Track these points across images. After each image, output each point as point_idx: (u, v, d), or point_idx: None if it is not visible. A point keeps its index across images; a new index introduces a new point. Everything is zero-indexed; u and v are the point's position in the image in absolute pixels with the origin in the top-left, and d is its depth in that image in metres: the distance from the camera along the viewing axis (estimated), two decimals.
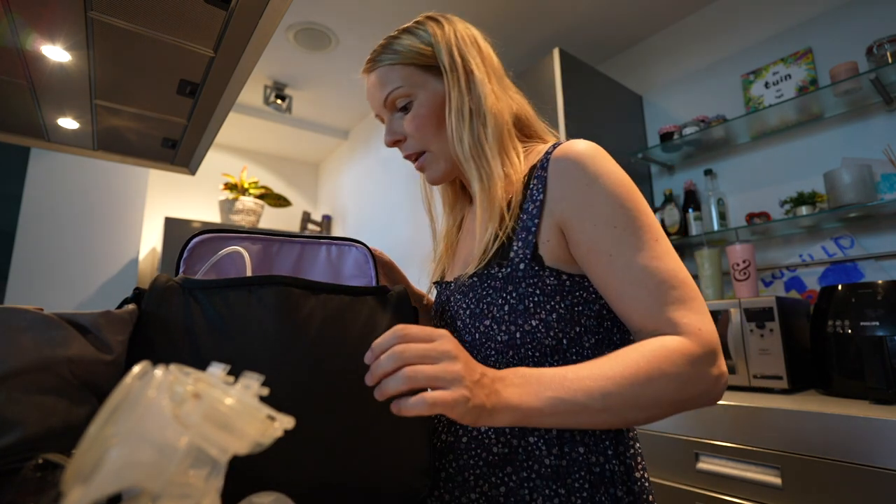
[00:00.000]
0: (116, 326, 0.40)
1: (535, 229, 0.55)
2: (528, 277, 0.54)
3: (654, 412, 0.45)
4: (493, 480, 0.52)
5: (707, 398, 0.46)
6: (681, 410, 0.46)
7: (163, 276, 0.47)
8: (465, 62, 0.61)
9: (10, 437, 0.32)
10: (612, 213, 0.50)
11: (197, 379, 0.24)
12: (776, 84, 1.61)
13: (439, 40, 0.62)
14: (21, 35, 0.79)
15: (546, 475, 0.51)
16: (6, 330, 0.34)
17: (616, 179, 0.52)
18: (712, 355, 0.46)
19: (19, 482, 0.31)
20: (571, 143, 0.55)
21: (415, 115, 0.60)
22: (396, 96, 0.61)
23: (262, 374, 0.26)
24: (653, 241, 0.49)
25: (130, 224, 2.30)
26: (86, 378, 0.37)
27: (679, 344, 0.45)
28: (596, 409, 0.42)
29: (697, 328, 0.46)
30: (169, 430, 0.22)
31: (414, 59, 0.61)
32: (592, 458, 0.52)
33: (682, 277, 0.49)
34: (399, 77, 0.61)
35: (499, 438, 0.53)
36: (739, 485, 1.03)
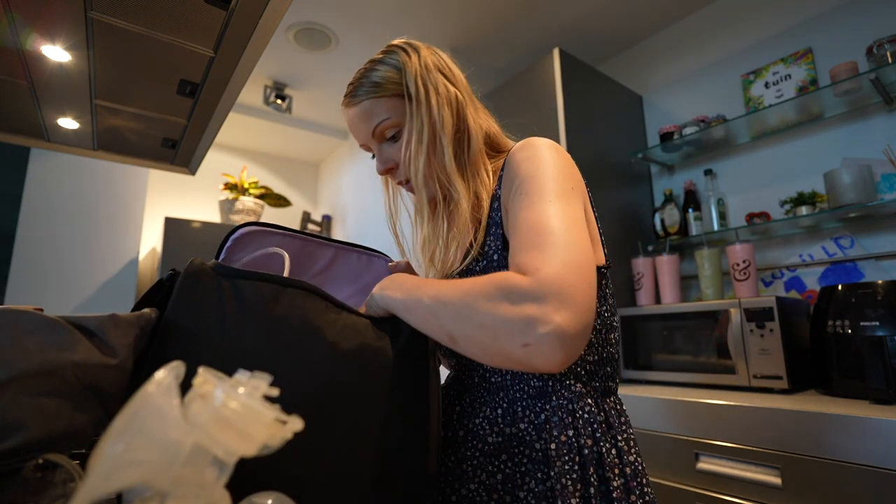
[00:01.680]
0: (122, 330, 0.40)
1: (500, 221, 0.58)
2: (503, 267, 0.57)
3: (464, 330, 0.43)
4: (490, 469, 0.54)
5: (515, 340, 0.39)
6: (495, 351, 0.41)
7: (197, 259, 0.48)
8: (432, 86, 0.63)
9: (12, 441, 0.32)
10: (526, 183, 0.52)
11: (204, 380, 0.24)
12: (776, 84, 1.62)
13: (409, 69, 0.63)
14: (21, 35, 0.79)
15: (538, 459, 0.53)
16: (11, 332, 0.34)
17: (548, 160, 0.53)
18: (537, 293, 0.40)
19: (20, 482, 0.31)
20: (527, 139, 0.58)
21: (406, 146, 0.62)
22: (385, 127, 0.63)
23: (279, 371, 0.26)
24: (546, 201, 0.48)
25: (130, 224, 2.30)
26: (90, 382, 0.37)
27: (511, 276, 0.42)
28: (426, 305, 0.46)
29: (536, 268, 0.42)
30: (174, 429, 0.22)
31: (394, 89, 0.63)
32: (582, 441, 0.53)
33: (547, 227, 0.45)
34: (385, 109, 0.62)
35: (492, 428, 0.55)
36: (739, 485, 1.03)
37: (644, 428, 1.23)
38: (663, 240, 1.72)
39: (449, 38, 2.06)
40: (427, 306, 0.46)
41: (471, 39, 2.06)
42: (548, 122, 1.62)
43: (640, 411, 1.25)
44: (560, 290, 0.39)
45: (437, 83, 0.63)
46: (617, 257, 1.69)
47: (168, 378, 0.23)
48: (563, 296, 0.39)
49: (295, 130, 2.89)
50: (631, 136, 1.94)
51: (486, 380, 0.59)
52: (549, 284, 0.40)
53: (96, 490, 0.20)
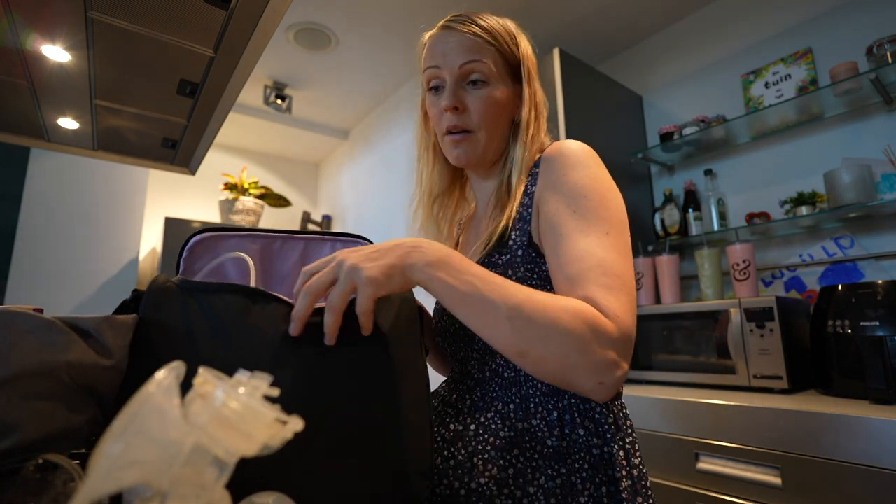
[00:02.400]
0: (118, 331, 0.40)
1: (529, 218, 0.59)
2: (526, 263, 0.57)
3: (542, 352, 0.43)
4: (501, 463, 0.53)
5: (593, 377, 0.43)
6: (564, 377, 0.44)
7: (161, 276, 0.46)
8: (535, 83, 0.67)
9: (8, 442, 0.32)
10: (577, 200, 0.53)
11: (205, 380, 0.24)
12: (776, 84, 1.62)
13: (524, 50, 0.66)
14: (21, 35, 0.79)
15: (548, 455, 0.53)
16: (8, 333, 0.34)
17: (594, 175, 0.55)
18: (619, 342, 0.44)
19: (19, 482, 0.31)
20: (566, 141, 0.60)
21: (488, 98, 0.62)
22: (478, 70, 0.61)
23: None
24: (603, 233, 0.51)
25: (130, 224, 2.30)
26: (85, 383, 0.37)
27: (593, 312, 0.45)
28: (502, 314, 0.43)
29: (616, 314, 0.45)
30: (174, 429, 0.22)
31: (506, 52, 0.64)
32: (592, 441, 0.54)
33: (619, 271, 0.48)
34: (490, 57, 0.62)
35: (504, 423, 0.55)
36: (739, 485, 1.03)
37: (644, 428, 1.23)
38: (663, 240, 1.72)
39: None
40: (503, 313, 0.43)
41: None
42: (548, 122, 1.62)
43: (640, 411, 1.25)
44: (629, 342, 0.46)
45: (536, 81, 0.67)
46: None
47: (168, 378, 0.23)
48: (629, 346, 0.46)
49: (295, 130, 2.89)
50: (631, 136, 1.94)
51: (499, 374, 0.59)
52: (626, 335, 0.45)
53: (96, 490, 0.20)
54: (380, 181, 2.65)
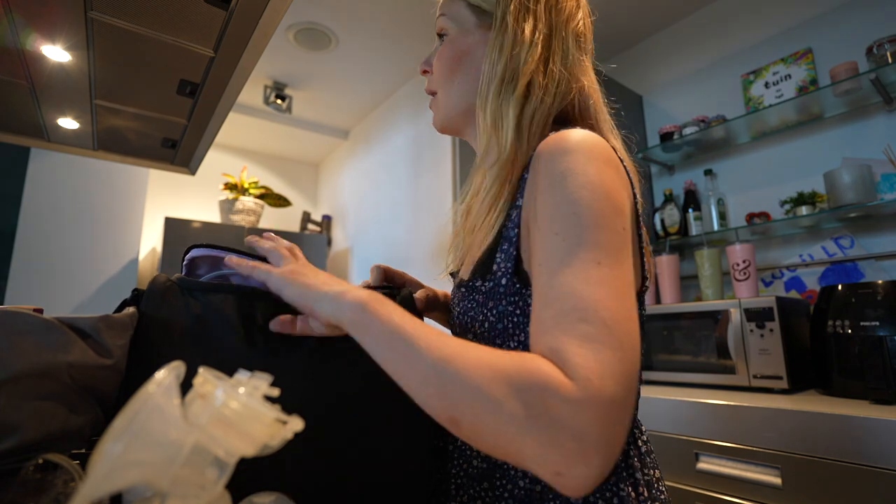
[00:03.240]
0: (117, 331, 0.40)
1: (515, 240, 0.48)
2: (510, 295, 0.47)
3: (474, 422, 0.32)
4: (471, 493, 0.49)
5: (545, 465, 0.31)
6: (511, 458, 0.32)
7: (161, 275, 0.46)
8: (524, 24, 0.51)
9: (8, 443, 0.33)
10: (560, 218, 0.39)
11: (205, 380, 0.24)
12: (776, 84, 1.62)
13: None
14: (21, 35, 0.79)
15: (519, 497, 0.46)
16: (7, 333, 0.34)
17: (585, 180, 0.40)
18: (586, 415, 0.30)
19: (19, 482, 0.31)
20: (565, 132, 0.44)
21: (440, 54, 0.55)
22: (441, 25, 0.55)
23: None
24: (593, 262, 0.37)
25: (130, 224, 2.30)
26: (85, 383, 0.37)
27: (555, 380, 0.31)
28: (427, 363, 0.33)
29: (587, 374, 0.31)
30: (174, 429, 0.22)
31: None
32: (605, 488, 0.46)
33: (607, 316, 0.34)
34: (450, 7, 0.55)
35: (479, 453, 0.50)
36: (739, 485, 1.03)
37: (644, 428, 1.23)
38: (663, 240, 1.72)
39: None
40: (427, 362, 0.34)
41: None
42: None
43: (640, 411, 1.24)
44: (611, 423, 0.31)
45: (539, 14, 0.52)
46: None
47: (168, 378, 0.23)
48: (612, 430, 0.31)
49: (295, 130, 2.89)
50: (631, 136, 1.93)
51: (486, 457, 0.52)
52: (601, 403, 0.31)
53: (96, 490, 0.20)
54: (379, 181, 2.65)
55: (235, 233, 2.46)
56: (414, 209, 2.24)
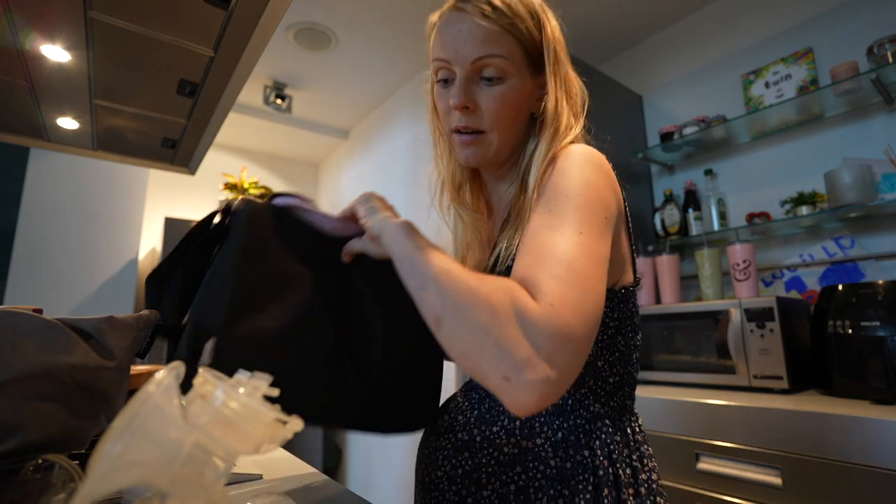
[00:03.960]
0: (120, 332, 0.40)
1: None
2: None
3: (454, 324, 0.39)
4: (503, 479, 0.53)
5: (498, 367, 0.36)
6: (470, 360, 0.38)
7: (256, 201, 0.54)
8: (565, 68, 0.59)
9: (10, 443, 0.33)
10: (556, 199, 0.47)
11: (204, 381, 0.24)
12: (776, 84, 1.61)
13: (548, 34, 0.57)
14: (21, 35, 0.79)
15: (551, 476, 0.51)
16: (9, 334, 0.34)
17: (577, 175, 0.49)
18: (543, 334, 0.36)
19: (20, 482, 0.31)
20: (572, 145, 0.54)
21: (503, 97, 0.55)
22: (493, 64, 0.54)
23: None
24: (575, 231, 0.43)
25: (130, 224, 2.30)
26: (87, 384, 0.37)
27: (519, 291, 0.39)
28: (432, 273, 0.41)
29: (552, 300, 0.37)
30: (174, 429, 0.22)
31: (526, 40, 0.55)
32: (597, 462, 0.52)
33: (579, 268, 0.40)
34: (507, 49, 0.54)
35: (509, 439, 0.54)
36: (739, 485, 1.03)
37: (644, 428, 1.23)
38: (663, 240, 1.72)
39: None
40: (432, 272, 0.41)
41: None
42: None
43: (641, 411, 1.24)
44: (562, 342, 0.36)
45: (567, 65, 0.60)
46: None
47: (168, 378, 0.23)
48: (561, 348, 0.36)
49: (295, 130, 2.89)
50: (631, 136, 1.94)
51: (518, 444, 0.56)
52: (557, 331, 0.36)
53: (96, 490, 0.20)
54: (380, 181, 2.65)
55: None
56: (413, 209, 2.24)
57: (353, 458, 2.65)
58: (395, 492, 2.21)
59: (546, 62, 0.57)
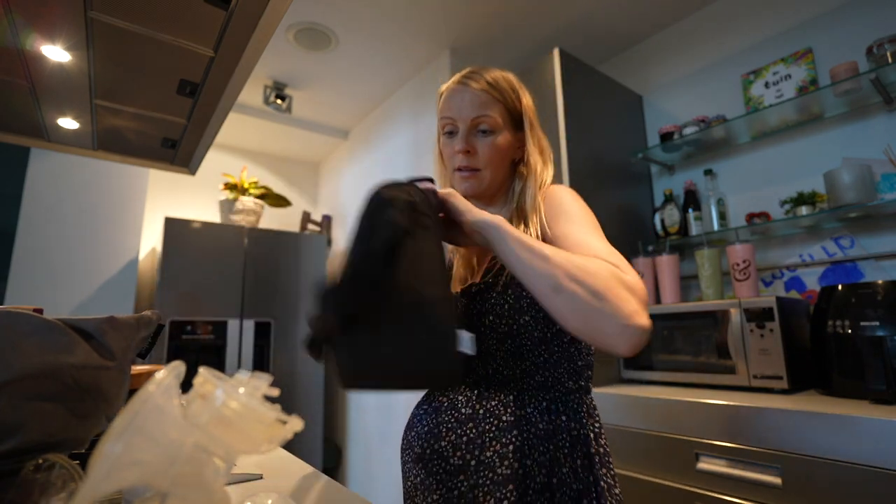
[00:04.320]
0: (121, 332, 0.40)
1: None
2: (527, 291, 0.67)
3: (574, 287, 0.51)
4: (503, 440, 0.65)
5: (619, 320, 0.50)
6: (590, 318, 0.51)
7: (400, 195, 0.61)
8: (538, 131, 0.79)
9: (10, 443, 0.32)
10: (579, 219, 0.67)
11: (204, 380, 0.24)
12: (776, 84, 1.62)
13: (525, 103, 0.78)
14: (21, 35, 0.79)
15: (540, 435, 0.65)
16: (10, 335, 0.34)
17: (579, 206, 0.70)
18: (641, 298, 0.52)
19: (20, 482, 0.31)
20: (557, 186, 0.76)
21: (494, 145, 0.75)
22: (487, 122, 0.74)
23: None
24: (600, 238, 0.63)
25: (130, 224, 2.30)
26: (88, 384, 0.37)
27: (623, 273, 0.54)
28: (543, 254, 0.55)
29: (636, 279, 0.54)
30: (174, 429, 0.22)
31: (509, 105, 0.77)
32: (571, 424, 0.67)
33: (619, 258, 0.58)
34: (498, 112, 0.75)
35: (506, 409, 0.67)
36: (739, 485, 1.03)
37: (644, 428, 1.23)
38: (663, 240, 1.72)
39: (449, 38, 2.06)
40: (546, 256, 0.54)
41: (471, 39, 2.06)
42: (548, 122, 1.62)
43: (641, 411, 1.25)
44: (647, 305, 0.53)
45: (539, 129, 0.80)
46: None
47: (168, 378, 0.23)
48: (647, 310, 0.52)
49: (295, 130, 2.89)
50: (631, 136, 1.93)
51: (499, 373, 0.70)
52: (645, 296, 0.53)
53: (97, 490, 0.20)
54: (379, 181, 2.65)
55: (235, 233, 2.46)
56: None
57: (353, 458, 2.65)
58: (396, 492, 2.21)
59: (525, 124, 0.78)
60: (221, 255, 2.38)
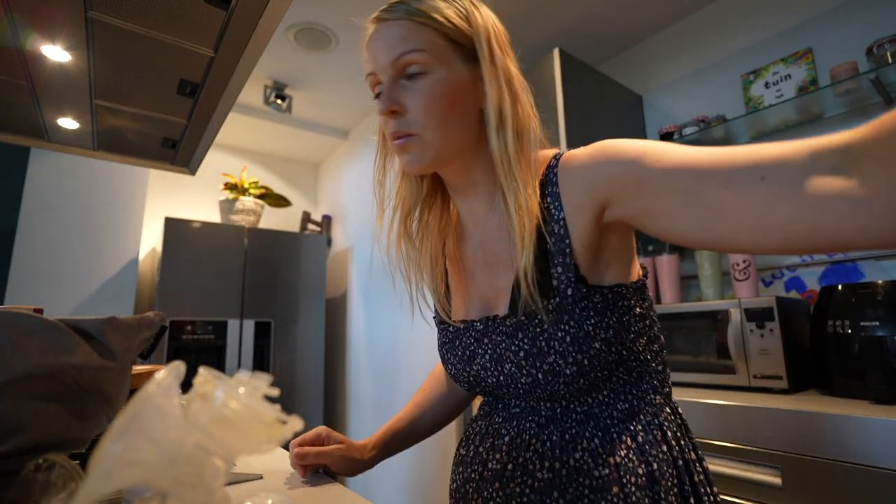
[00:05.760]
0: (122, 333, 0.40)
1: (568, 250, 0.51)
2: (579, 301, 0.50)
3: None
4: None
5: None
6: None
7: None
8: (506, 59, 0.54)
9: (11, 443, 0.33)
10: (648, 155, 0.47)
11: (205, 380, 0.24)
12: (776, 84, 1.61)
13: (478, 22, 0.53)
14: (21, 35, 0.79)
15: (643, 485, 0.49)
16: (11, 335, 0.34)
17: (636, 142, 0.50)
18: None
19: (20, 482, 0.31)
20: (575, 150, 0.54)
21: (428, 92, 0.50)
22: (413, 60, 0.51)
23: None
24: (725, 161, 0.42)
25: (130, 224, 2.30)
26: (88, 384, 0.37)
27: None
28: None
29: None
30: (174, 429, 0.22)
31: (447, 29, 0.51)
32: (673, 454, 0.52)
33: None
34: (425, 41, 0.51)
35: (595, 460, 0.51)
36: (739, 485, 1.03)
37: None
38: None
39: None
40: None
41: None
42: (548, 122, 1.61)
43: None
44: None
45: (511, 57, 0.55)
46: None
47: (168, 378, 0.23)
48: None
49: (295, 130, 2.89)
50: (631, 136, 1.93)
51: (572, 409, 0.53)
52: None
53: (96, 490, 0.20)
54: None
55: (235, 233, 2.46)
56: None
57: None
58: (395, 492, 2.21)
59: (480, 50, 0.52)
60: (221, 255, 2.38)
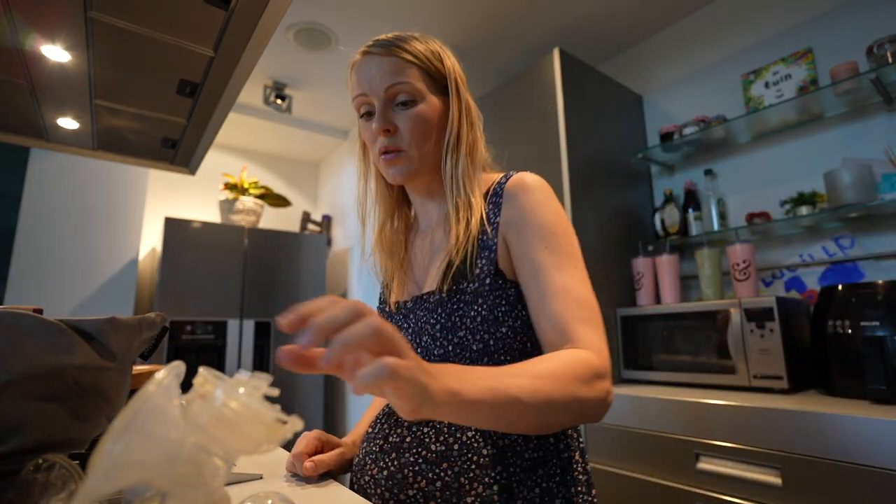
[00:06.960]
0: (122, 333, 0.40)
1: (494, 248, 0.62)
2: (495, 290, 0.60)
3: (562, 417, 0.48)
4: (486, 481, 0.55)
5: (597, 410, 0.51)
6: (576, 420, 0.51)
7: None
8: (467, 93, 0.69)
9: (11, 443, 0.32)
10: (548, 237, 0.59)
11: (205, 380, 0.24)
12: (776, 84, 1.61)
13: (448, 64, 0.68)
14: (21, 35, 0.79)
15: (528, 468, 0.57)
16: (11, 335, 0.34)
17: (557, 210, 0.62)
18: (607, 374, 0.52)
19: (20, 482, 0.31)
20: (523, 174, 0.65)
21: (414, 117, 0.64)
22: (404, 90, 0.63)
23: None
24: (574, 267, 0.58)
25: (130, 224, 2.30)
26: (88, 384, 0.37)
27: (587, 356, 0.51)
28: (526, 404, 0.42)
29: (599, 348, 0.53)
30: (174, 429, 0.22)
31: (429, 68, 0.65)
32: (560, 446, 0.60)
33: (592, 304, 0.57)
34: (413, 76, 0.64)
35: (486, 440, 0.57)
36: (739, 485, 1.03)
37: (644, 428, 1.23)
38: (663, 240, 1.72)
39: (449, 38, 2.06)
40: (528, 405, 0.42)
41: (471, 39, 2.06)
42: (548, 122, 1.62)
43: (640, 411, 1.25)
44: (610, 368, 0.53)
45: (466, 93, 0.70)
46: (617, 257, 1.69)
47: (168, 378, 0.23)
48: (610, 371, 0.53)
49: (295, 130, 2.89)
50: (631, 136, 1.93)
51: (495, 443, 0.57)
52: (608, 365, 0.53)
53: (96, 490, 0.20)
54: None
55: (235, 233, 2.46)
56: None
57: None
58: None
59: (450, 87, 0.67)
60: (221, 255, 2.38)
